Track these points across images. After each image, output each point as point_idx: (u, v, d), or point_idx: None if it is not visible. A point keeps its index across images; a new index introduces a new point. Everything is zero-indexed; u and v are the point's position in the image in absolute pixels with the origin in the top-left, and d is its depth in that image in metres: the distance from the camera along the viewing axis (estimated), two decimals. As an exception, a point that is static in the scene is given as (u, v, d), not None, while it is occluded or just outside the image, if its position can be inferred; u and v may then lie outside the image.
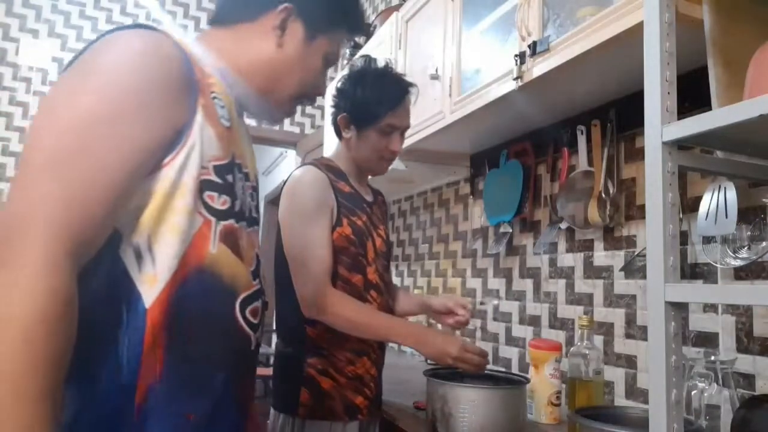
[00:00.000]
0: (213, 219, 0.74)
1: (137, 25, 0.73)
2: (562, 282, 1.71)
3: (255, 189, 0.89)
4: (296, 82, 0.89)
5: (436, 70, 1.85)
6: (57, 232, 0.59)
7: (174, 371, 0.70)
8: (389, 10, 2.40)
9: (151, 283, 0.68)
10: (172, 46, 0.72)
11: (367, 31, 2.75)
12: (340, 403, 1.33)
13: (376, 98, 1.39)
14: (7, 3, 3.34)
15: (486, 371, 1.34)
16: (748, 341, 1.15)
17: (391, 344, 2.93)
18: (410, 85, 1.45)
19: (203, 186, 0.73)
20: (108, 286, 0.67)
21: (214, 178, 0.74)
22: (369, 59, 1.49)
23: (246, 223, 0.81)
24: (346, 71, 1.52)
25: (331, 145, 1.95)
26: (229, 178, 0.77)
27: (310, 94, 0.94)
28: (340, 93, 1.45)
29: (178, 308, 0.70)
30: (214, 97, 0.77)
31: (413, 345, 1.32)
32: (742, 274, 1.18)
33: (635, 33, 1.04)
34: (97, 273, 0.66)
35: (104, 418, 0.67)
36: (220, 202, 0.75)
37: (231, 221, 0.77)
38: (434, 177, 2.44)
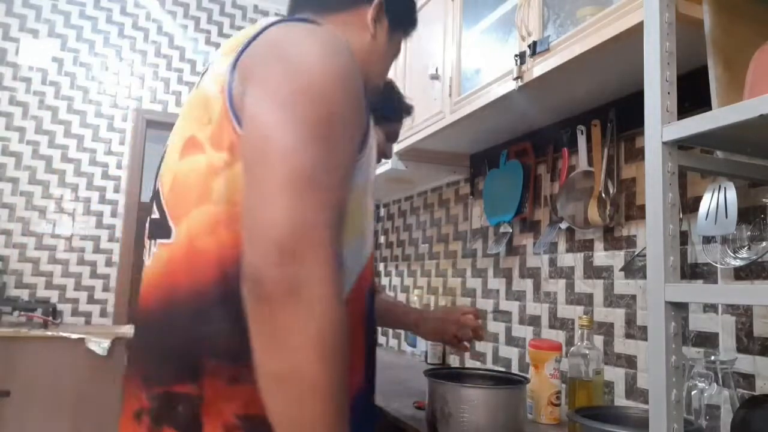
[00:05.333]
0: None
1: (303, 20, 0.73)
2: (562, 282, 1.71)
3: None
4: (383, 72, 0.94)
5: (436, 70, 1.85)
6: (336, 248, 0.60)
7: (369, 365, 0.74)
8: (389, 10, 2.40)
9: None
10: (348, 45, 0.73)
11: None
12: None
13: (393, 105, 1.47)
14: (7, 3, 3.33)
15: (486, 371, 1.34)
16: (748, 341, 1.15)
17: (390, 344, 2.91)
18: (412, 106, 1.56)
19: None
20: None
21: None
22: None
23: None
24: None
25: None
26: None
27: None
28: None
29: (362, 302, 0.74)
30: None
31: (414, 321, 1.37)
32: (742, 274, 1.18)
33: (635, 33, 1.04)
34: None
35: None
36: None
37: None
38: (434, 177, 2.44)
